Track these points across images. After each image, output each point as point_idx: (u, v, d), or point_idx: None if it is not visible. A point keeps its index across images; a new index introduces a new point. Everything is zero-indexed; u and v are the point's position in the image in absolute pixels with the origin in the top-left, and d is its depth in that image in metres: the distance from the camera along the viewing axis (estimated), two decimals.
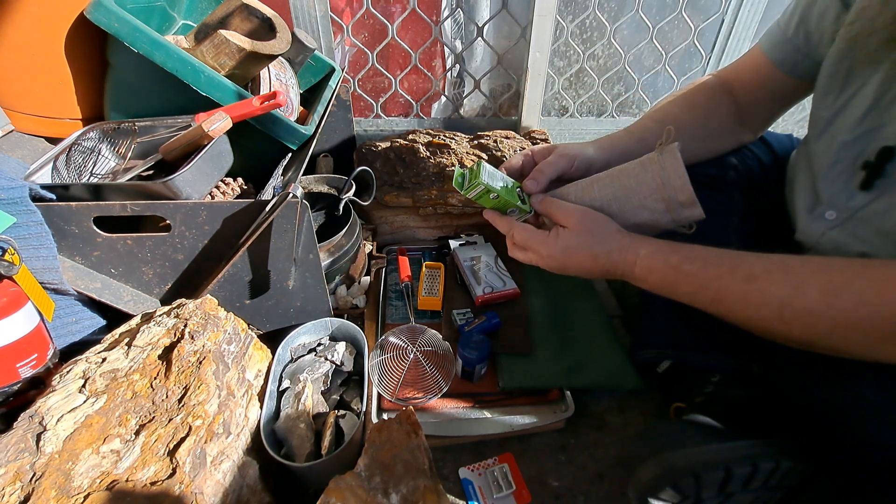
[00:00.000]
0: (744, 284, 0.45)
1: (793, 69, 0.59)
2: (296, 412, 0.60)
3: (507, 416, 0.66)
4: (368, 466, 0.49)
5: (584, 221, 0.53)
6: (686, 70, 1.17)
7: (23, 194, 0.53)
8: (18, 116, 0.69)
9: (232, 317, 0.62)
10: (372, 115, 1.17)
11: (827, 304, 0.41)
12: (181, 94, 0.64)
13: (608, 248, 0.52)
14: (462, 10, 1.13)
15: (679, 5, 1.06)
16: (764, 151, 0.70)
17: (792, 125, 1.28)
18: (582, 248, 0.52)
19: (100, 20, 0.60)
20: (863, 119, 0.49)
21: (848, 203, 0.51)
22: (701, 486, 0.48)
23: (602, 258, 0.52)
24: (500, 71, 1.14)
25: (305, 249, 0.63)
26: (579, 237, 0.52)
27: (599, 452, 0.66)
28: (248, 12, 0.71)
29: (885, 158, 0.46)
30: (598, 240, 0.52)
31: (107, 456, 0.44)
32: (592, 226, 0.53)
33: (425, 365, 0.69)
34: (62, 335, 0.61)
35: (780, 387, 0.57)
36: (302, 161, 0.68)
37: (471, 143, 1.00)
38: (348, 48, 1.13)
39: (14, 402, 0.53)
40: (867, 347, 0.41)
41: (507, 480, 0.62)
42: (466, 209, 0.95)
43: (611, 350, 0.74)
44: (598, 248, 0.52)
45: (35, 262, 0.55)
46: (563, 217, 0.54)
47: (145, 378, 0.50)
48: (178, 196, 0.58)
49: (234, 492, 0.50)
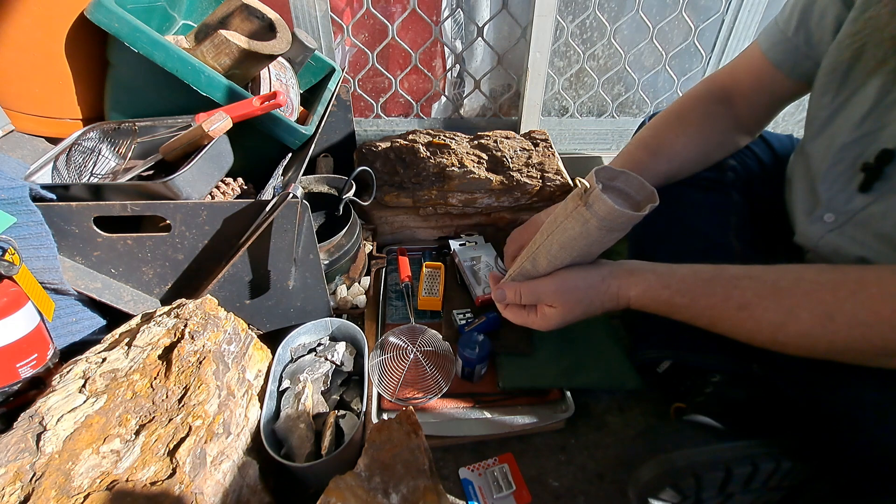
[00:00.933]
0: (737, 312, 0.45)
1: (793, 70, 0.58)
2: (296, 412, 0.60)
3: (507, 416, 0.66)
4: (368, 466, 0.49)
5: (567, 297, 0.51)
6: (686, 70, 1.17)
7: (23, 194, 0.53)
8: (19, 116, 0.69)
9: (232, 317, 0.62)
10: (372, 115, 1.17)
11: (821, 326, 0.41)
12: (181, 94, 0.64)
13: (599, 305, 0.52)
14: (462, 10, 1.13)
15: (679, 5, 1.06)
16: (764, 151, 0.70)
17: (792, 125, 1.28)
18: (576, 317, 0.52)
19: (100, 20, 0.60)
20: (862, 121, 0.48)
21: (846, 206, 0.51)
22: (701, 486, 0.48)
23: (598, 312, 0.52)
24: (500, 71, 1.14)
25: (305, 249, 0.63)
26: (572, 313, 0.52)
27: (599, 452, 0.66)
28: (249, 12, 0.71)
29: (885, 161, 0.46)
30: (587, 305, 0.51)
31: (107, 456, 0.44)
32: (576, 295, 0.51)
33: (425, 365, 0.69)
34: (62, 335, 0.61)
35: (781, 387, 0.57)
36: (302, 161, 0.68)
37: (471, 143, 1.00)
38: (348, 48, 1.13)
39: (14, 402, 0.53)
40: (865, 362, 0.42)
41: (507, 480, 0.62)
42: (466, 209, 0.95)
43: (611, 350, 0.74)
44: (590, 310, 0.52)
45: (35, 262, 0.55)
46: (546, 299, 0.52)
47: (145, 378, 0.50)
48: (178, 196, 0.58)
49: (234, 492, 0.50)
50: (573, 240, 0.47)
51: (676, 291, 0.48)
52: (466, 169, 0.93)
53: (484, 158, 0.97)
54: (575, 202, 0.45)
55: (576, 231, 0.46)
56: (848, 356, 0.42)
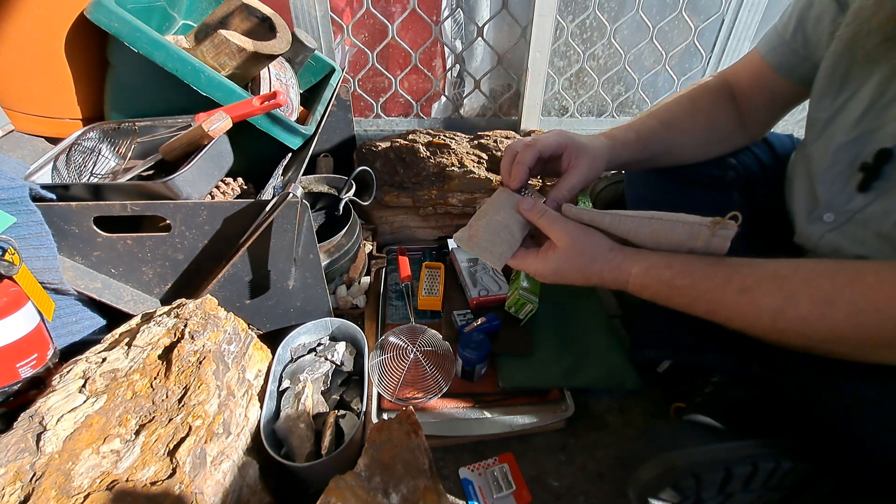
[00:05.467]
0: (737, 296, 0.45)
1: (791, 73, 0.59)
2: (296, 412, 0.60)
3: (507, 416, 0.66)
4: (368, 466, 0.49)
5: (577, 243, 0.51)
6: (686, 70, 1.17)
7: (23, 194, 0.53)
8: (19, 116, 0.69)
9: (232, 317, 0.62)
10: (372, 115, 1.17)
11: (820, 313, 0.41)
12: (181, 94, 0.64)
13: (599, 268, 0.51)
14: (462, 10, 1.13)
15: (679, 5, 1.06)
16: (764, 151, 0.70)
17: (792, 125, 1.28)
18: (572, 269, 0.52)
19: (100, 20, 0.60)
20: (860, 121, 0.49)
21: (846, 205, 0.51)
22: (701, 486, 0.48)
23: (593, 278, 0.52)
24: (500, 71, 1.14)
25: (305, 249, 0.63)
26: (570, 260, 0.52)
27: (599, 452, 0.66)
28: (249, 12, 0.71)
29: (883, 160, 0.46)
30: (588, 260, 0.51)
31: (107, 456, 0.44)
32: (584, 247, 0.51)
33: (425, 365, 0.69)
34: (62, 335, 0.61)
35: (781, 387, 0.57)
36: (302, 161, 0.68)
37: (471, 143, 1.00)
38: (348, 48, 1.13)
39: (14, 402, 0.53)
40: (863, 353, 0.42)
41: (508, 480, 0.62)
42: (466, 209, 0.95)
43: (611, 350, 0.74)
44: (588, 270, 0.51)
45: (35, 262, 0.55)
46: (556, 236, 0.52)
47: (145, 378, 0.50)
48: (178, 196, 0.57)
49: (234, 492, 0.50)
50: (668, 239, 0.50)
51: (679, 272, 0.48)
52: (466, 169, 0.93)
53: (484, 158, 0.97)
54: (709, 227, 0.49)
55: (681, 238, 0.50)
56: (846, 345, 0.42)
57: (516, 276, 0.80)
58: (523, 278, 0.78)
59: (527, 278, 0.78)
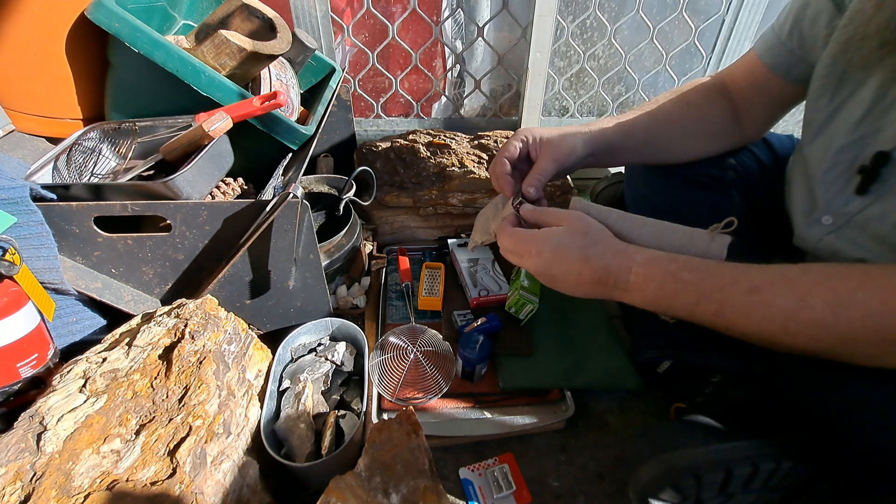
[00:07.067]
0: (747, 296, 0.43)
1: (787, 73, 0.59)
2: (296, 412, 0.60)
3: (507, 417, 0.66)
4: (368, 466, 0.49)
5: (580, 220, 0.51)
6: (686, 70, 1.17)
7: (23, 194, 0.53)
8: (19, 116, 0.69)
9: (232, 317, 0.62)
10: (372, 115, 1.17)
11: (833, 315, 0.40)
12: (182, 94, 0.64)
13: (602, 249, 0.49)
14: (462, 10, 1.13)
15: (679, 5, 1.06)
16: (764, 151, 0.70)
17: (792, 126, 1.28)
18: (575, 247, 0.50)
19: (100, 20, 0.60)
20: (859, 123, 0.48)
21: (844, 208, 0.51)
22: (701, 486, 0.48)
23: (595, 260, 0.49)
24: (500, 71, 1.14)
25: (306, 249, 0.63)
26: (573, 236, 0.50)
27: (599, 452, 0.66)
28: (249, 12, 0.71)
29: (881, 163, 0.46)
30: (592, 240, 0.50)
31: (107, 456, 0.44)
32: (587, 225, 0.51)
33: (425, 365, 0.69)
34: (63, 335, 0.61)
35: (781, 387, 0.57)
36: (302, 161, 0.68)
37: (471, 143, 1.00)
38: (349, 48, 1.13)
39: (14, 402, 0.53)
40: (872, 357, 0.41)
41: (508, 480, 0.62)
42: (467, 209, 0.95)
43: (611, 350, 0.74)
44: (591, 250, 0.49)
45: (36, 262, 0.55)
46: (558, 217, 0.52)
47: (146, 378, 0.50)
48: (178, 196, 0.58)
49: (235, 492, 0.50)
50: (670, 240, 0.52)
51: (685, 266, 0.47)
52: (466, 169, 0.93)
53: (484, 158, 0.97)
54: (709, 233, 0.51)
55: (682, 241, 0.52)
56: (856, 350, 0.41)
57: (516, 277, 0.80)
58: (523, 278, 0.78)
59: (527, 278, 0.78)
